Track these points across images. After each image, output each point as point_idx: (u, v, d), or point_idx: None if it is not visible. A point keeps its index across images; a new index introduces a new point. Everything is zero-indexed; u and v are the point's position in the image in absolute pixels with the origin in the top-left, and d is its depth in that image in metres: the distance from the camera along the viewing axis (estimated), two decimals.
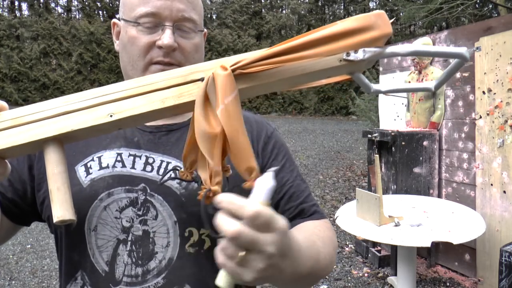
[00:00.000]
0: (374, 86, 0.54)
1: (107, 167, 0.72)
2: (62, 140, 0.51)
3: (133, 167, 0.72)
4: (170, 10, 0.70)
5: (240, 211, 0.42)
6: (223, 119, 0.47)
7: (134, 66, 0.73)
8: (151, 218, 0.70)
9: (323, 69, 0.50)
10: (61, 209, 0.48)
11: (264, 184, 0.46)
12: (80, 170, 0.72)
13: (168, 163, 0.73)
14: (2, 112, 0.51)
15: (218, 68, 0.49)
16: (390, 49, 0.50)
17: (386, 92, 0.54)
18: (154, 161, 0.73)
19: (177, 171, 0.57)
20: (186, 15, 0.72)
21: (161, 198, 0.71)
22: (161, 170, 0.72)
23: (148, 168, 0.72)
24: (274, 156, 0.81)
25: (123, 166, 0.72)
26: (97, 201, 0.70)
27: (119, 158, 0.73)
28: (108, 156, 0.73)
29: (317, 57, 0.49)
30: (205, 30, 0.81)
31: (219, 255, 0.45)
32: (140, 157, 0.73)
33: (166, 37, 0.70)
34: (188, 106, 0.51)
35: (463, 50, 0.50)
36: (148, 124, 0.76)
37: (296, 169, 0.84)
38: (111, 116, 0.50)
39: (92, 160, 0.73)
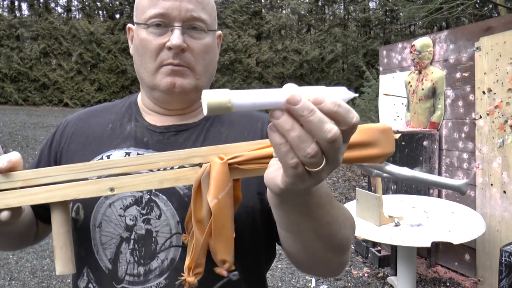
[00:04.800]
0: (375, 171, 0.50)
1: None
2: (67, 201, 0.58)
3: None
4: (179, 10, 0.71)
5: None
6: (215, 212, 0.51)
7: (146, 69, 0.74)
8: (155, 218, 0.70)
9: None
10: (62, 265, 0.57)
11: (341, 93, 0.40)
12: None
13: None
14: (14, 172, 0.57)
15: (216, 159, 0.52)
16: (390, 168, 0.49)
17: (398, 178, 0.51)
18: None
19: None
20: (195, 15, 0.72)
21: (165, 198, 0.71)
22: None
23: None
24: None
25: None
26: (103, 198, 0.71)
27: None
28: (117, 156, 0.74)
29: None
30: (220, 32, 0.81)
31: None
32: None
33: (174, 38, 0.70)
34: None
35: (461, 183, 0.49)
36: (158, 124, 0.78)
37: None
38: (111, 190, 0.56)
39: (101, 158, 0.74)
